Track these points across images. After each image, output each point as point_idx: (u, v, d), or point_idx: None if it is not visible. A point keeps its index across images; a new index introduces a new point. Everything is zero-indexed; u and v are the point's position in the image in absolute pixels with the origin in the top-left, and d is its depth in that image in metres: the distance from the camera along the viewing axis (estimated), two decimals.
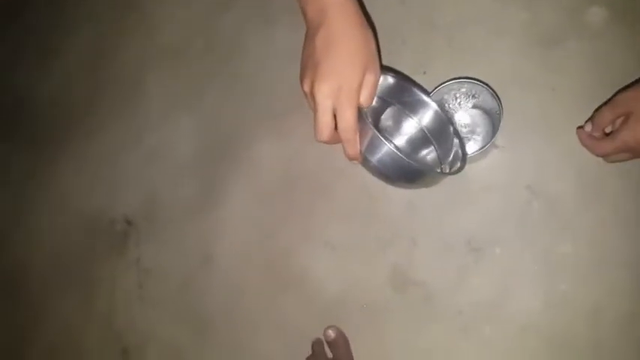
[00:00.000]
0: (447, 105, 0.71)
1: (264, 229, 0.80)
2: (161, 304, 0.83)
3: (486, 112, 0.71)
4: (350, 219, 0.76)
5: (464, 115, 0.74)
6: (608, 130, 0.64)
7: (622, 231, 0.65)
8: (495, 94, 0.65)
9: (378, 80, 0.56)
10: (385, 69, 0.66)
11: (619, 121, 0.61)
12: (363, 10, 0.57)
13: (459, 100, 0.71)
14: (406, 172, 0.57)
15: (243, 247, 0.81)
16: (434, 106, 0.66)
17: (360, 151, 0.56)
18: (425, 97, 0.65)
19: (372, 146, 0.55)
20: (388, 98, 0.66)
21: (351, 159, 0.57)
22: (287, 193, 0.80)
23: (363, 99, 0.55)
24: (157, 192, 0.89)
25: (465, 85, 0.67)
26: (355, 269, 0.75)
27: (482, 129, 0.73)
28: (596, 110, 0.64)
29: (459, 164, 0.64)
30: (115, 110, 0.96)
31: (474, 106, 0.72)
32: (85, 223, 0.92)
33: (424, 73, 0.75)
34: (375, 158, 0.55)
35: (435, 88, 0.68)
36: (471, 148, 0.72)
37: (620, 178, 0.66)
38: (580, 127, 0.65)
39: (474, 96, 0.70)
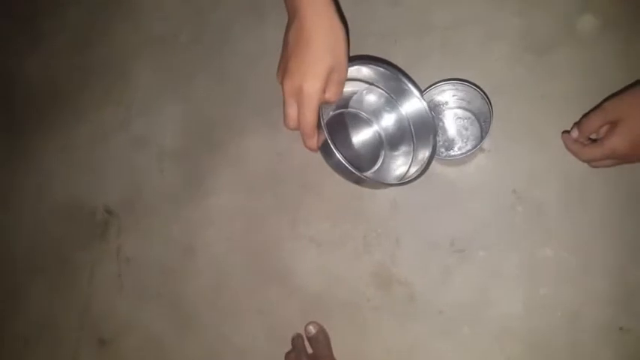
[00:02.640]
0: (440, 106, 0.72)
1: (249, 222, 0.80)
2: (140, 294, 0.82)
3: (476, 115, 0.72)
4: (336, 216, 0.76)
5: (453, 117, 0.74)
6: (593, 136, 0.65)
7: (603, 239, 0.67)
8: (487, 98, 0.66)
9: (344, 79, 0.58)
10: (384, 62, 0.67)
11: (605, 127, 0.62)
12: (337, 7, 0.58)
13: (449, 102, 0.72)
14: (355, 179, 0.60)
15: (226, 240, 0.80)
16: (423, 103, 0.66)
17: (318, 147, 0.60)
18: (415, 91, 0.66)
19: (325, 151, 0.59)
20: (382, 87, 0.67)
21: (309, 150, 0.60)
22: (273, 188, 0.80)
23: (329, 96, 0.58)
24: (140, 181, 0.87)
25: (457, 87, 0.68)
26: (339, 266, 0.75)
27: (470, 132, 0.73)
28: (584, 116, 0.65)
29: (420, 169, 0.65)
30: (99, 97, 0.94)
31: (465, 109, 0.73)
32: (65, 211, 0.90)
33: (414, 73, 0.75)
34: (329, 161, 0.60)
35: (427, 88, 0.68)
36: (460, 150, 0.73)
37: (604, 186, 0.67)
38: (566, 132, 0.66)
39: (464, 98, 0.70)
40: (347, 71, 0.58)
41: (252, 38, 0.87)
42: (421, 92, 0.67)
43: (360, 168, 0.67)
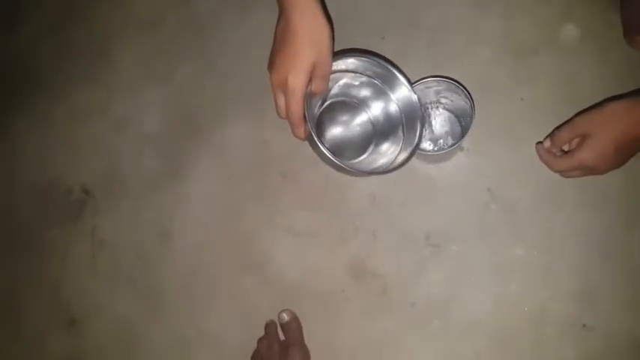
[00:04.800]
0: (424, 103, 0.73)
1: (228, 210, 0.80)
2: (114, 276, 0.81)
3: (458, 113, 0.74)
4: (315, 207, 0.77)
5: (435, 114, 0.76)
6: (565, 147, 0.68)
7: (572, 240, 0.69)
8: (470, 97, 0.67)
9: (327, 73, 0.61)
10: (376, 55, 0.68)
11: (576, 140, 0.65)
12: (323, 5, 0.60)
13: (433, 98, 0.73)
14: (337, 167, 0.61)
15: (204, 226, 0.80)
16: (412, 94, 0.68)
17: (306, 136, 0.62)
18: (405, 82, 0.68)
19: (310, 140, 0.61)
20: (375, 78, 0.69)
21: (297, 138, 0.63)
22: (254, 177, 0.80)
23: (314, 88, 0.61)
24: (119, 163, 0.86)
25: (441, 85, 0.69)
26: (315, 257, 0.76)
27: (451, 129, 0.75)
28: (556, 129, 0.67)
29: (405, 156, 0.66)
30: (78, 77, 0.92)
31: (447, 106, 0.74)
32: (40, 189, 0.89)
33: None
34: (315, 150, 0.62)
35: (413, 83, 0.70)
36: (440, 147, 0.74)
37: (575, 189, 0.70)
38: (539, 143, 0.69)
39: (447, 96, 0.72)
40: (331, 66, 0.61)
41: (239, 27, 0.87)
42: (411, 83, 0.68)
43: (350, 155, 0.71)
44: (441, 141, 0.75)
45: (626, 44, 0.72)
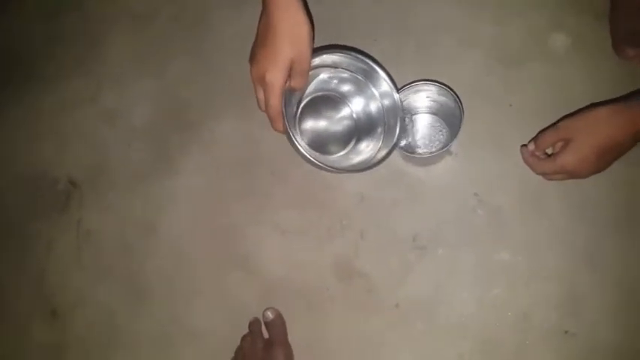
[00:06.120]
0: (414, 106, 0.74)
1: (215, 205, 0.80)
2: (98, 269, 0.80)
3: (447, 117, 0.74)
4: (302, 205, 0.77)
5: (425, 118, 0.76)
6: (549, 151, 0.69)
7: (556, 246, 0.70)
8: (459, 102, 0.68)
9: (306, 70, 0.62)
10: (359, 51, 0.69)
11: (559, 144, 0.66)
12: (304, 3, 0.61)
13: (423, 102, 0.73)
14: (314, 165, 0.63)
15: (190, 221, 0.80)
16: (394, 91, 0.68)
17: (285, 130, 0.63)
18: (387, 79, 0.68)
19: (289, 138, 0.62)
20: (359, 75, 0.69)
21: (276, 131, 0.64)
22: (242, 173, 0.80)
23: (293, 84, 0.63)
24: (106, 154, 0.86)
25: (432, 88, 0.70)
26: (302, 255, 0.76)
27: (441, 133, 0.75)
28: (540, 132, 0.68)
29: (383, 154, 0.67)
30: (68, 67, 0.91)
31: (436, 110, 0.75)
32: (26, 179, 0.87)
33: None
34: (293, 147, 0.63)
35: (403, 87, 0.70)
36: (429, 150, 0.75)
37: (560, 196, 0.71)
38: (524, 146, 0.69)
39: (437, 100, 0.72)
40: (310, 63, 0.62)
41: (232, 23, 0.87)
42: (392, 79, 0.68)
43: (333, 150, 0.71)
44: (430, 144, 0.75)
45: (615, 54, 0.73)
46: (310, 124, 0.72)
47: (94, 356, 0.78)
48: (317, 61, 0.65)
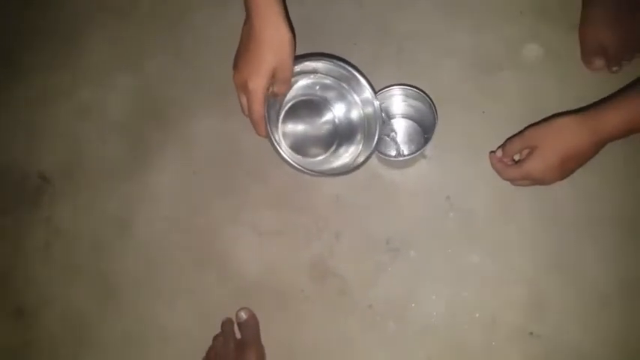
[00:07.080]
0: (389, 110, 0.75)
1: (191, 204, 0.79)
2: (67, 267, 0.79)
3: (421, 121, 0.75)
4: (279, 206, 0.77)
5: (400, 122, 0.77)
6: (516, 157, 0.71)
7: (525, 250, 0.72)
8: (434, 107, 0.69)
9: (288, 77, 0.64)
10: (340, 59, 0.70)
11: (525, 151, 0.68)
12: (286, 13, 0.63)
13: (398, 106, 0.75)
14: (295, 169, 0.64)
15: (165, 219, 0.79)
16: (373, 98, 0.70)
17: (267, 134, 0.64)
18: (367, 86, 0.69)
19: (272, 144, 0.64)
20: (342, 81, 0.71)
21: (260, 136, 0.66)
22: (220, 172, 0.80)
23: (276, 90, 0.65)
24: (80, 150, 0.84)
25: (407, 93, 0.71)
26: (277, 256, 0.76)
27: (414, 137, 0.77)
28: (508, 139, 0.71)
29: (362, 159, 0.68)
30: (44, 59, 0.90)
31: (412, 114, 0.76)
32: None
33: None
34: (275, 151, 0.64)
35: (379, 90, 0.71)
36: (404, 153, 0.76)
37: (529, 201, 0.73)
38: (492, 152, 0.72)
39: (413, 105, 0.73)
40: (291, 70, 0.64)
41: (215, 21, 0.86)
42: (372, 87, 0.70)
43: (315, 153, 0.73)
44: (405, 147, 0.77)
45: (584, 64, 0.76)
46: (293, 127, 0.73)
47: (62, 356, 0.76)
48: (299, 67, 0.66)
